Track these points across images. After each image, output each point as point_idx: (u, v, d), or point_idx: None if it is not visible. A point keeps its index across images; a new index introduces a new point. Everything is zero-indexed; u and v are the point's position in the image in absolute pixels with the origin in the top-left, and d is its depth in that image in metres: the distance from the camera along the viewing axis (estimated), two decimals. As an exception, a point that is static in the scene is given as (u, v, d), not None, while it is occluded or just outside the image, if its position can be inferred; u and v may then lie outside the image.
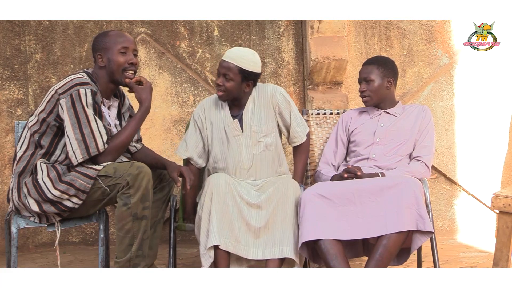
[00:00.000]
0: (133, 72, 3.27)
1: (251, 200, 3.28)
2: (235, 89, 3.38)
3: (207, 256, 3.16)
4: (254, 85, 3.47)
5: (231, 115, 3.48)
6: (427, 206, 3.31)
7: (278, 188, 3.31)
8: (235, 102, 3.48)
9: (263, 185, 3.42)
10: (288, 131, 3.56)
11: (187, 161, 3.56)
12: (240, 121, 3.47)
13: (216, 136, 3.49)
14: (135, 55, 3.29)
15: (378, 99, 3.60)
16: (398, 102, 3.69)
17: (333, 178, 3.48)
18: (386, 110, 3.64)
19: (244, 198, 3.28)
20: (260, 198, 3.29)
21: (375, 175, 3.41)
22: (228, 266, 3.22)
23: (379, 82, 3.58)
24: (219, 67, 3.39)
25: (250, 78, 3.39)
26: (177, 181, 3.31)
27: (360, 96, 3.62)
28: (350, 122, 3.69)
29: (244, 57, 3.37)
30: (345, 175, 3.40)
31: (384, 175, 3.40)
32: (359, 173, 3.37)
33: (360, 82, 3.63)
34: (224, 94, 3.39)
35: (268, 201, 3.28)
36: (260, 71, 3.45)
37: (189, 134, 3.54)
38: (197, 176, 3.56)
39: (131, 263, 3.11)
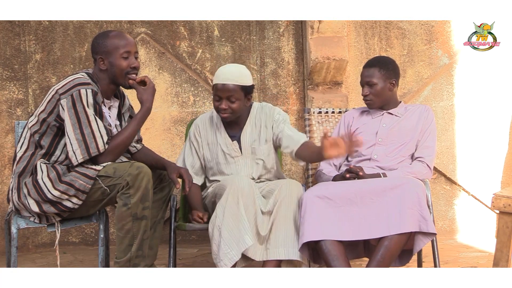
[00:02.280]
0: (135, 74, 3.28)
1: (263, 208, 3.29)
2: (241, 107, 3.41)
3: (231, 255, 3.14)
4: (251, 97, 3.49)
5: (229, 136, 3.50)
6: (428, 207, 3.31)
7: (281, 189, 3.30)
8: (235, 120, 3.49)
9: (265, 187, 3.43)
10: (283, 139, 3.46)
11: None
12: (239, 142, 3.50)
13: (214, 156, 3.52)
14: (136, 58, 3.29)
15: (381, 101, 3.59)
16: (400, 102, 3.68)
17: (335, 178, 3.48)
18: (388, 111, 3.63)
19: (258, 203, 3.29)
20: (269, 204, 3.30)
21: (377, 175, 3.40)
22: (234, 265, 3.22)
23: (382, 84, 3.56)
24: (218, 91, 3.36)
25: (249, 92, 3.43)
26: (176, 182, 3.30)
27: (364, 99, 3.61)
28: (352, 121, 3.68)
29: (240, 74, 3.41)
30: (347, 175, 3.39)
31: (386, 176, 3.40)
32: (361, 173, 3.37)
33: (362, 85, 3.60)
34: (230, 115, 3.40)
35: (274, 204, 3.29)
36: (253, 83, 3.48)
37: (186, 154, 3.57)
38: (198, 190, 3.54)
39: (131, 263, 3.11)
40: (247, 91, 3.41)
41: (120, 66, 3.23)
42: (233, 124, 3.52)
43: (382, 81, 3.55)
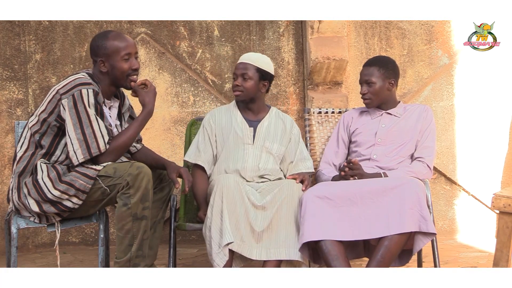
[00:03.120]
0: (136, 76, 3.28)
1: (257, 202, 3.29)
2: (253, 88, 3.52)
3: (221, 255, 3.16)
4: (268, 89, 3.59)
5: (246, 121, 3.58)
6: (428, 207, 3.31)
7: (282, 189, 3.31)
8: (250, 106, 3.58)
9: (265, 187, 3.42)
10: (288, 164, 3.62)
11: (194, 165, 3.57)
12: (254, 130, 3.55)
13: (225, 140, 3.54)
14: (136, 58, 3.29)
15: (379, 101, 3.59)
16: (399, 102, 3.68)
17: (334, 178, 3.48)
18: (387, 111, 3.63)
19: (250, 199, 3.28)
20: (266, 199, 3.30)
21: (378, 175, 3.40)
22: (231, 265, 3.22)
23: (381, 84, 3.56)
24: (236, 69, 3.55)
25: (266, 78, 3.55)
26: (176, 182, 3.31)
27: (362, 98, 3.61)
28: (351, 122, 3.68)
29: (259, 58, 3.58)
30: (342, 173, 3.40)
31: (387, 175, 3.39)
32: (346, 170, 3.36)
33: (361, 84, 3.61)
34: (242, 93, 3.52)
35: (273, 202, 3.29)
36: (273, 74, 3.61)
37: (200, 141, 3.59)
38: (204, 178, 3.56)
39: (131, 263, 3.11)
40: (262, 74, 3.52)
41: (122, 68, 3.23)
42: (249, 112, 3.59)
43: (381, 80, 3.56)
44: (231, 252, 3.20)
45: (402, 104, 3.67)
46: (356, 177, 3.38)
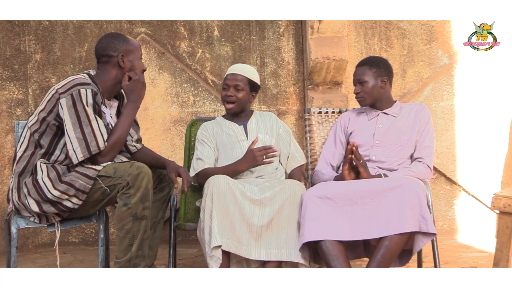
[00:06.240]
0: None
1: (255, 196, 3.27)
2: (245, 99, 3.61)
3: (215, 258, 3.15)
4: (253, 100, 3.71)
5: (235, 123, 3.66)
6: (428, 207, 3.31)
7: (284, 188, 3.29)
8: (239, 114, 3.66)
9: (267, 184, 3.41)
10: (287, 157, 3.68)
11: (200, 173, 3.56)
12: (245, 128, 3.63)
13: (220, 145, 3.59)
14: None
15: (372, 99, 3.61)
16: (395, 101, 3.68)
17: (336, 179, 3.48)
18: (383, 111, 3.63)
19: (246, 195, 3.26)
20: (265, 195, 3.28)
21: (378, 176, 3.40)
22: (228, 267, 3.22)
23: (373, 82, 3.59)
24: (227, 80, 3.60)
25: (255, 89, 3.64)
26: (175, 181, 3.30)
27: (356, 98, 3.64)
28: (348, 123, 3.69)
29: (249, 69, 3.65)
30: (349, 156, 3.38)
31: (387, 176, 3.39)
32: (350, 156, 3.36)
33: (354, 84, 3.64)
34: (234, 105, 3.59)
35: (273, 199, 3.27)
36: (260, 85, 3.71)
37: (200, 150, 3.60)
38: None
39: (131, 263, 3.11)
40: (252, 86, 3.61)
41: (141, 65, 3.32)
42: (236, 118, 3.66)
43: (373, 79, 3.59)
44: (228, 255, 3.20)
45: (399, 104, 3.68)
46: (361, 162, 3.36)
